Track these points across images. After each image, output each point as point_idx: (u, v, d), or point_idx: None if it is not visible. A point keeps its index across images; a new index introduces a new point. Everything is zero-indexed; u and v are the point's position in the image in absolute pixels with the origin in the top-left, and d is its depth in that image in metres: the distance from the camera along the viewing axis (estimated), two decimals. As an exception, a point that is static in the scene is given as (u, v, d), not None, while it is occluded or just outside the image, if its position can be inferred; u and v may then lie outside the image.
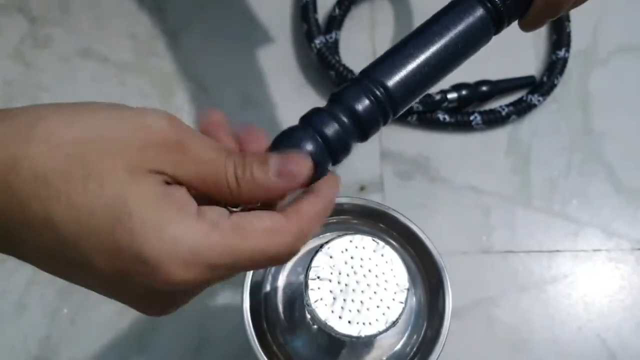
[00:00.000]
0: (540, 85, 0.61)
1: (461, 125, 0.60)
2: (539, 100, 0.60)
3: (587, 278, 0.57)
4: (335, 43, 0.62)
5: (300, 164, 0.26)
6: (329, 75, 0.61)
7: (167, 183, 0.24)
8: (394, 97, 0.29)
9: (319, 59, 0.60)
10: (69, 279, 0.25)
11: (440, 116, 0.59)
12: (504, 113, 0.59)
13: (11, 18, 0.64)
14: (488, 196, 0.59)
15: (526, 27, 0.35)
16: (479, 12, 0.31)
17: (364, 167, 0.60)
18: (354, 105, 0.29)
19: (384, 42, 0.63)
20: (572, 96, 0.62)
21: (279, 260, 0.25)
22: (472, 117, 0.59)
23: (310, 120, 0.28)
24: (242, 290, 0.38)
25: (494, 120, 0.60)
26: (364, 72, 0.30)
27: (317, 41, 0.60)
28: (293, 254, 0.26)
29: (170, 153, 0.24)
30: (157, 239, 0.22)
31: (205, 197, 0.25)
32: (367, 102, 0.29)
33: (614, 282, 0.57)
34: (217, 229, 0.23)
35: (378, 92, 0.29)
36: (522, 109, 0.60)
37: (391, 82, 0.29)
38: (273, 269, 0.39)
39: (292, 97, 0.61)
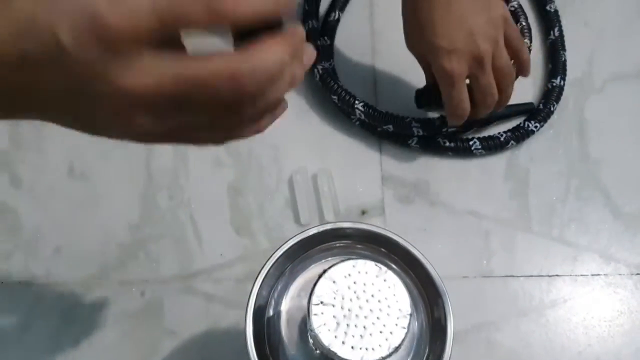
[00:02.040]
0: (537, 112, 0.62)
1: (461, 150, 0.60)
2: (536, 127, 0.61)
3: (586, 302, 0.57)
4: (333, 69, 0.63)
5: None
6: (331, 100, 0.62)
7: None
8: None
9: (322, 84, 0.61)
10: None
11: (441, 140, 0.60)
12: (502, 139, 0.60)
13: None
14: (488, 221, 0.60)
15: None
16: None
17: (365, 192, 0.60)
18: None
19: (384, 69, 0.65)
20: (568, 123, 0.63)
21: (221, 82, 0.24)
22: (471, 143, 0.60)
23: None
24: (245, 315, 0.38)
25: (493, 146, 0.60)
26: None
27: (319, 67, 0.61)
28: (239, 83, 0.25)
29: None
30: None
31: None
32: None
33: (613, 306, 0.57)
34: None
35: None
36: (520, 135, 0.61)
37: None
38: (276, 293, 0.40)
39: (295, 122, 0.62)
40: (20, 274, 0.58)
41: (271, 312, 0.39)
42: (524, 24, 0.64)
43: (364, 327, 0.33)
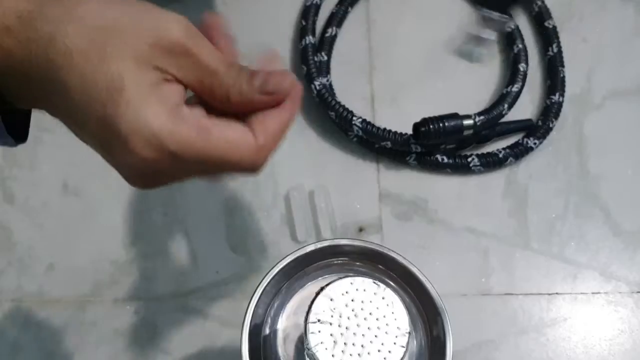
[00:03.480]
0: (536, 129, 0.61)
1: (459, 167, 0.60)
2: (535, 144, 0.61)
3: (586, 321, 0.57)
4: (330, 86, 0.63)
5: (281, 80, 0.30)
6: (328, 116, 0.61)
7: (167, 80, 0.28)
8: None
9: (320, 100, 0.61)
10: (78, 136, 0.29)
11: (439, 157, 0.60)
12: (501, 155, 0.60)
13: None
14: (486, 238, 0.59)
15: None
16: None
17: (362, 209, 0.60)
18: None
19: (381, 85, 0.64)
20: (567, 139, 0.63)
21: (240, 168, 0.29)
22: (470, 160, 0.60)
23: None
24: (241, 333, 0.37)
25: (491, 162, 0.60)
26: None
27: (316, 83, 0.61)
28: (254, 165, 0.29)
29: (178, 56, 0.28)
30: (132, 116, 0.27)
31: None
32: None
33: (613, 325, 0.57)
34: (183, 124, 0.27)
35: None
36: (518, 152, 0.60)
37: None
38: (272, 311, 0.39)
39: (292, 139, 0.61)
40: (13, 292, 0.57)
41: (267, 331, 0.39)
42: (520, 46, 0.64)
43: (362, 345, 0.33)
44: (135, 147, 0.27)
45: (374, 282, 0.34)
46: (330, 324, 0.33)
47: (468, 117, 0.58)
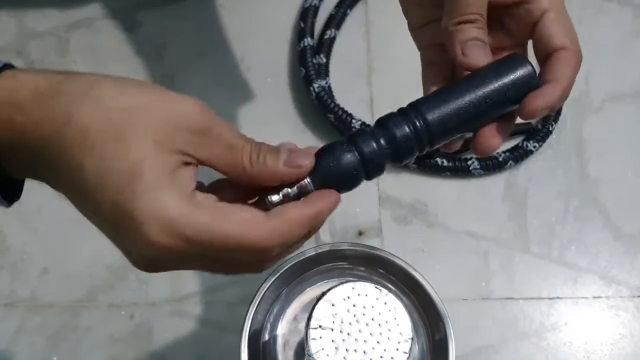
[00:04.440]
0: (535, 132, 0.61)
1: (459, 170, 0.60)
2: (535, 147, 0.60)
3: (587, 325, 0.56)
4: (329, 88, 0.63)
5: (304, 157, 0.30)
6: (327, 119, 0.61)
7: (187, 163, 0.28)
8: (432, 130, 0.32)
9: (318, 102, 0.60)
10: (84, 215, 0.29)
11: (439, 160, 0.60)
12: (501, 159, 0.60)
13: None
14: (486, 242, 0.59)
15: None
16: (524, 70, 0.33)
17: (362, 212, 0.59)
18: (394, 131, 0.31)
19: (380, 87, 0.64)
20: (567, 143, 0.63)
21: (254, 254, 0.28)
22: (469, 163, 0.59)
23: (353, 138, 0.31)
24: (240, 339, 0.37)
25: (491, 166, 0.60)
26: (410, 105, 0.33)
27: (315, 85, 0.61)
28: (267, 253, 0.28)
29: (196, 135, 0.28)
30: (148, 202, 0.26)
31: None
32: (407, 130, 0.31)
33: (614, 329, 0.56)
34: (200, 209, 0.27)
35: (418, 124, 0.32)
36: (518, 155, 0.60)
37: (431, 117, 0.32)
38: (272, 317, 0.39)
39: (291, 141, 0.61)
40: (6, 296, 0.57)
41: (267, 337, 0.38)
42: (519, 47, 0.64)
43: (364, 351, 0.32)
44: (149, 233, 0.26)
45: (376, 287, 0.33)
46: (332, 329, 0.32)
47: None
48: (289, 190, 0.30)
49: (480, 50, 0.34)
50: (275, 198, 0.30)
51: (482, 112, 0.33)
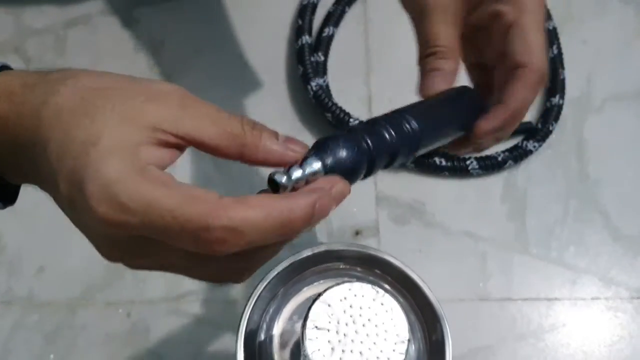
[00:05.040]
0: (535, 132, 0.61)
1: (458, 170, 0.59)
2: (534, 147, 0.60)
3: (586, 327, 0.56)
4: (327, 87, 0.62)
5: (299, 145, 0.29)
6: (324, 118, 0.60)
7: (160, 143, 0.26)
8: (421, 134, 0.33)
9: (316, 101, 0.60)
10: (56, 201, 0.28)
11: (437, 160, 0.59)
12: (500, 159, 0.59)
13: (6, 58, 0.63)
14: (484, 242, 0.58)
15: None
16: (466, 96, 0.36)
17: (359, 212, 0.59)
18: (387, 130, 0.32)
19: (378, 86, 0.64)
20: (567, 143, 0.62)
21: (192, 237, 0.24)
22: (468, 162, 0.59)
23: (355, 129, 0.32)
24: (236, 339, 0.37)
25: (490, 165, 0.59)
26: (398, 110, 0.34)
27: (313, 84, 0.60)
28: (212, 240, 0.24)
29: (174, 109, 0.27)
30: (96, 169, 0.25)
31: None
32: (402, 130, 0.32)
33: (613, 331, 0.56)
34: (145, 179, 0.25)
35: (409, 127, 0.32)
36: (518, 155, 0.60)
37: (421, 123, 0.33)
38: (268, 317, 0.38)
39: (288, 140, 0.61)
40: (2, 295, 0.56)
41: (263, 337, 0.38)
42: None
43: (360, 352, 0.32)
44: (91, 200, 0.24)
45: (373, 288, 0.33)
46: (328, 330, 0.32)
47: None
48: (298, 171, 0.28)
49: (436, 79, 0.36)
50: (278, 176, 0.28)
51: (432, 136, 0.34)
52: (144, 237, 0.26)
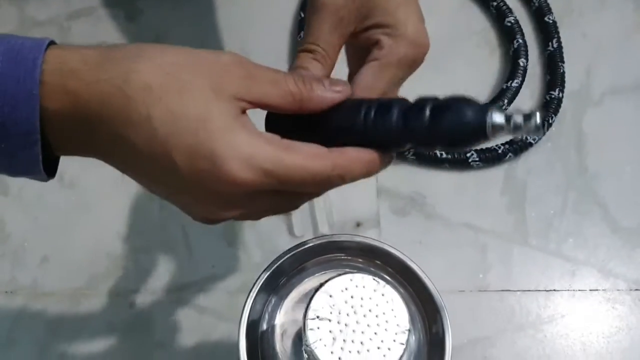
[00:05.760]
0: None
1: (458, 162, 0.60)
2: (534, 139, 0.60)
3: (584, 318, 0.57)
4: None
5: (341, 84, 0.33)
6: (326, 111, 0.61)
7: (243, 109, 0.30)
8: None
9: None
10: (149, 180, 0.31)
11: (437, 152, 0.60)
12: (500, 151, 0.60)
13: None
14: (484, 234, 0.59)
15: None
16: None
17: (360, 204, 0.59)
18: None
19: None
20: (567, 136, 0.63)
21: (318, 183, 0.30)
22: (468, 155, 0.60)
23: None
24: (238, 329, 0.37)
25: (490, 158, 0.60)
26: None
27: (314, 77, 0.61)
28: (328, 182, 0.31)
29: (244, 79, 0.30)
30: (226, 141, 0.28)
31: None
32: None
33: (611, 322, 0.57)
34: (272, 143, 0.29)
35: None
36: (518, 147, 0.60)
37: None
38: (270, 307, 0.39)
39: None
40: (6, 284, 0.57)
41: (265, 326, 0.38)
42: (520, 41, 0.64)
43: (361, 342, 0.32)
44: (231, 170, 0.28)
45: (374, 279, 0.34)
46: (329, 320, 0.33)
47: None
48: None
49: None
50: None
51: None
52: (264, 190, 0.30)
